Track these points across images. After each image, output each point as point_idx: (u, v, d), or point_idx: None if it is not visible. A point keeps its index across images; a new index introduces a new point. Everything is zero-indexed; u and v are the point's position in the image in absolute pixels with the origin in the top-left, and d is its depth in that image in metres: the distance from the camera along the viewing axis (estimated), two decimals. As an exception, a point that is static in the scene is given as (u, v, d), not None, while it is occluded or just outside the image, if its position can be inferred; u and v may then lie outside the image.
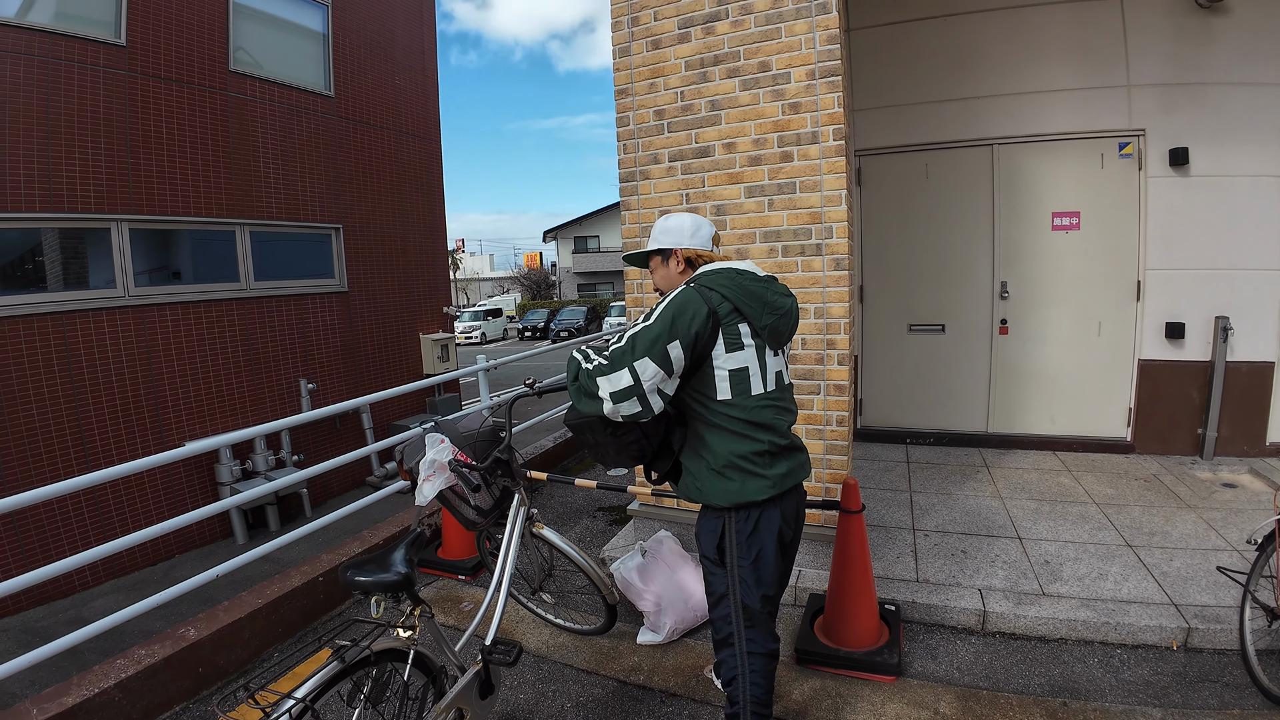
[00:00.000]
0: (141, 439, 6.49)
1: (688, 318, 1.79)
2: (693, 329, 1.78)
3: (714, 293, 1.84)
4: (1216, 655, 2.68)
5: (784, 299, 1.94)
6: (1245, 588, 2.58)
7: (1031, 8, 4.94)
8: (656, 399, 1.80)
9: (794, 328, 1.98)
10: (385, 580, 1.78)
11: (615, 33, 3.35)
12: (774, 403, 1.89)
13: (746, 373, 1.85)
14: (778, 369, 1.93)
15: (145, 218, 6.61)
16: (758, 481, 1.84)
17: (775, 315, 1.89)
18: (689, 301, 1.82)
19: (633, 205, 3.39)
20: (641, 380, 1.76)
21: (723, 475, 1.86)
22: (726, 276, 1.89)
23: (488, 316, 34.20)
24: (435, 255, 10.28)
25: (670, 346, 1.77)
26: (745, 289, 1.87)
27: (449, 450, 2.33)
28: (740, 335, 1.85)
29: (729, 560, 1.90)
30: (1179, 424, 4.91)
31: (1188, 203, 4.76)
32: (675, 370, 1.80)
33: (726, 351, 1.84)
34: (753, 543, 1.88)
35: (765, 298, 1.88)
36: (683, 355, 1.79)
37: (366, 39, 9.02)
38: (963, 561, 3.37)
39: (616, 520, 4.31)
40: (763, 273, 1.97)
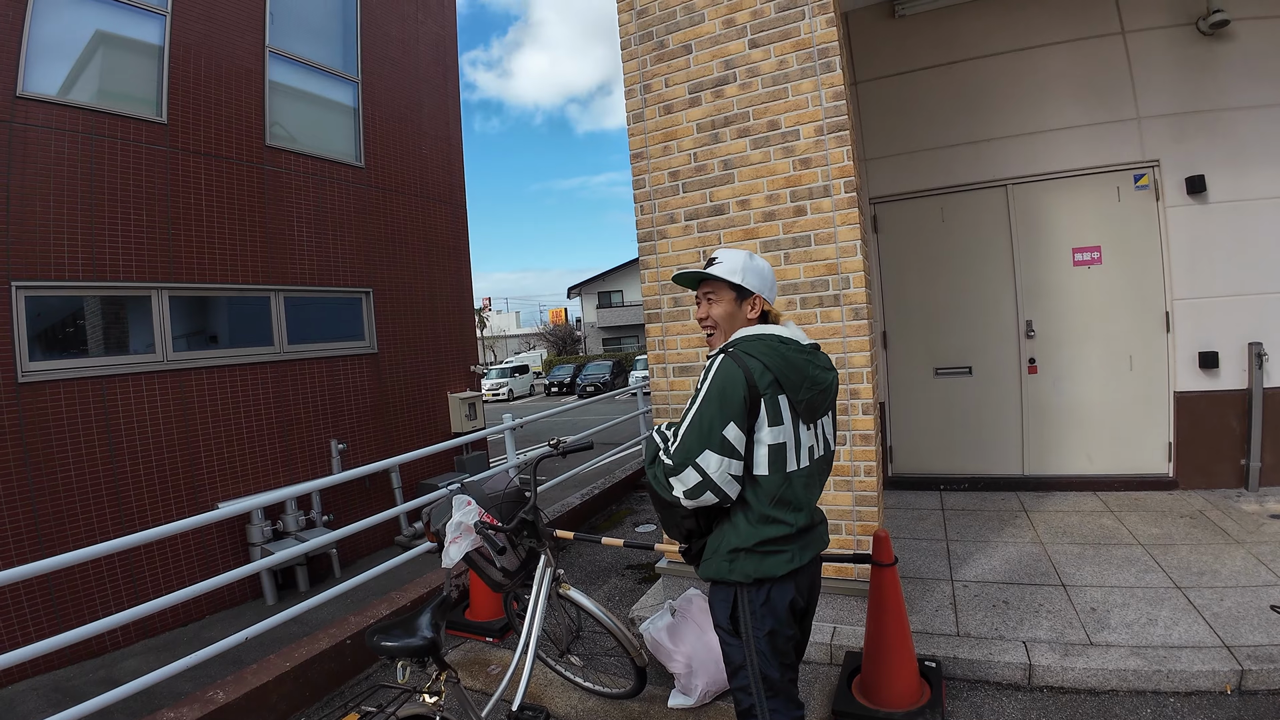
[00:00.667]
0: (176, 499, 6.63)
1: (734, 394, 1.71)
2: (740, 404, 1.70)
3: (755, 361, 1.74)
4: (1271, 696, 2.56)
5: (825, 373, 1.84)
6: None
7: (1034, 49, 5.04)
8: (732, 485, 1.72)
9: (831, 403, 1.87)
10: (411, 645, 1.79)
11: (629, 100, 3.49)
12: (806, 479, 1.81)
13: (784, 449, 1.75)
14: (810, 443, 1.83)
15: (184, 285, 6.90)
16: (776, 559, 1.78)
17: (813, 391, 1.79)
18: (730, 376, 1.73)
19: (651, 264, 3.46)
20: (710, 474, 1.69)
21: (745, 554, 1.79)
22: (768, 345, 1.78)
23: (514, 373, 34.54)
24: (462, 315, 10.51)
25: (726, 431, 1.69)
26: (788, 360, 1.77)
27: (475, 512, 2.36)
28: (780, 409, 1.74)
29: (744, 631, 1.83)
30: (1221, 456, 4.76)
31: (1209, 230, 4.72)
32: (739, 451, 1.72)
33: (769, 425, 1.74)
34: (766, 614, 1.80)
35: (806, 371, 1.78)
36: (741, 434, 1.71)
37: (395, 111, 9.47)
38: (1005, 612, 3.26)
39: (645, 578, 4.26)
40: (807, 340, 1.87)
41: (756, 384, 1.71)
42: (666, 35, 3.39)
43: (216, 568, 6.77)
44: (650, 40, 3.43)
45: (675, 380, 3.43)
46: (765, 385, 1.72)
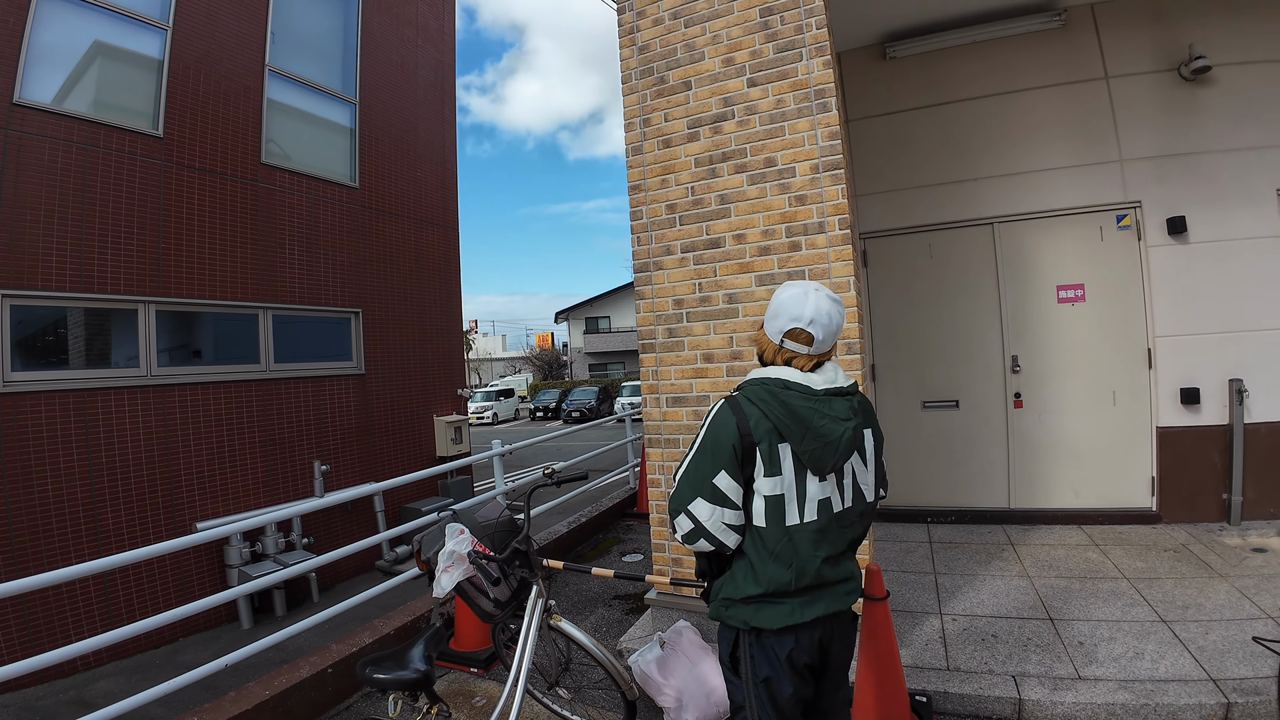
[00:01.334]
0: (154, 517, 6.50)
1: (724, 442, 1.65)
2: (730, 454, 1.64)
3: (753, 408, 1.66)
4: None
5: (835, 424, 1.64)
6: None
7: (1021, 92, 5.20)
8: (728, 534, 1.67)
9: (845, 456, 1.67)
10: (404, 678, 1.77)
11: (628, 133, 3.55)
12: (815, 534, 1.67)
13: (782, 501, 1.64)
14: (823, 495, 1.68)
15: (172, 300, 6.84)
16: (773, 610, 1.68)
17: (818, 443, 1.63)
18: (724, 423, 1.67)
19: (646, 295, 3.50)
20: (702, 522, 1.66)
21: (739, 604, 1.73)
22: (768, 390, 1.67)
23: (499, 397, 34.30)
24: (451, 339, 10.49)
25: (718, 480, 1.64)
26: (789, 408, 1.64)
27: (468, 541, 2.34)
28: (778, 458, 1.64)
29: (744, 673, 1.76)
30: (1204, 490, 4.83)
31: (1190, 269, 4.85)
32: (734, 500, 1.66)
33: (765, 475, 1.64)
34: (763, 660, 1.71)
35: (810, 421, 1.63)
36: (734, 483, 1.65)
37: (391, 133, 9.53)
38: (994, 646, 3.26)
39: (632, 609, 4.23)
40: (822, 385, 1.68)
41: (751, 432, 1.64)
42: (667, 71, 3.46)
43: (193, 589, 6.62)
44: (651, 75, 3.50)
45: (668, 410, 3.45)
46: (762, 433, 1.64)
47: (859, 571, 1.81)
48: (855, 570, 1.80)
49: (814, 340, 1.69)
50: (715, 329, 3.30)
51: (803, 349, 1.71)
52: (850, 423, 1.66)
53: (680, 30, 3.43)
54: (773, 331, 1.75)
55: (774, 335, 1.74)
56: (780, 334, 1.72)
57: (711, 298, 3.31)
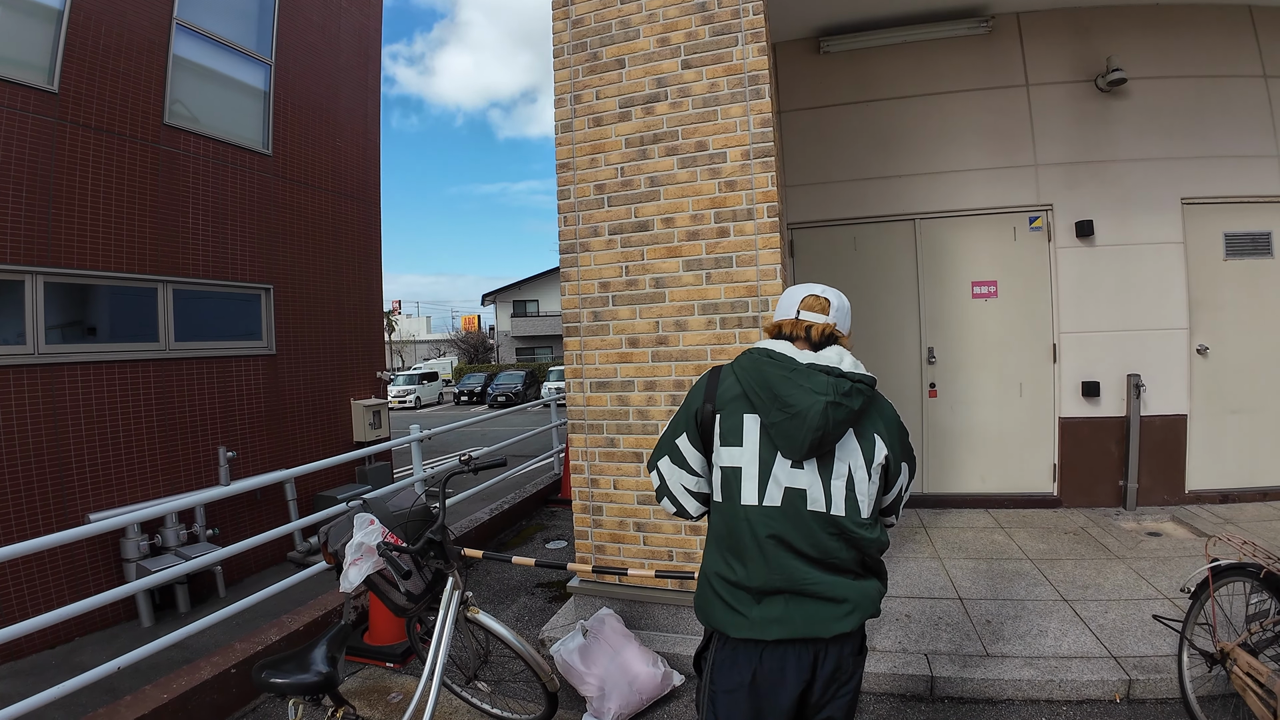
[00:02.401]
0: (43, 508, 5.95)
1: (690, 404, 1.61)
2: (692, 416, 1.59)
3: (732, 375, 1.60)
4: (1159, 704, 2.74)
5: (808, 396, 1.45)
6: (1182, 635, 2.68)
7: (946, 94, 5.36)
8: (688, 499, 1.62)
9: (819, 434, 1.45)
10: (304, 682, 1.64)
11: (558, 109, 3.44)
12: (771, 525, 1.47)
13: (738, 475, 1.51)
14: (794, 485, 1.48)
15: (63, 271, 6.24)
16: (730, 615, 1.51)
17: (784, 414, 1.46)
18: (699, 384, 1.64)
19: (572, 277, 3.41)
20: (666, 481, 1.62)
21: (703, 588, 1.59)
22: (751, 358, 1.58)
23: (423, 380, 33.31)
24: (370, 319, 10.04)
25: (679, 441, 1.59)
26: (761, 374, 1.52)
27: (378, 532, 2.21)
28: (740, 428, 1.53)
29: (705, 676, 1.60)
30: (1102, 477, 5.16)
31: (1095, 270, 5.14)
32: (694, 467, 1.59)
33: (722, 444, 1.54)
34: (722, 673, 1.54)
35: (778, 389, 1.48)
36: (693, 448, 1.58)
37: (309, 100, 8.98)
38: (907, 626, 3.38)
39: (556, 597, 4.16)
40: (808, 359, 1.52)
41: (716, 398, 1.57)
42: (600, 48, 3.36)
43: (88, 585, 6.11)
44: (584, 51, 3.40)
45: (592, 395, 3.38)
46: (728, 399, 1.55)
47: (860, 597, 1.49)
48: (853, 595, 1.49)
49: (830, 306, 1.63)
50: (641, 314, 3.25)
51: (819, 318, 1.61)
52: (826, 397, 1.44)
53: (616, 6, 3.34)
54: (787, 306, 1.66)
55: (789, 310, 1.64)
56: (796, 305, 1.64)
57: (638, 281, 3.26)
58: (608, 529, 3.34)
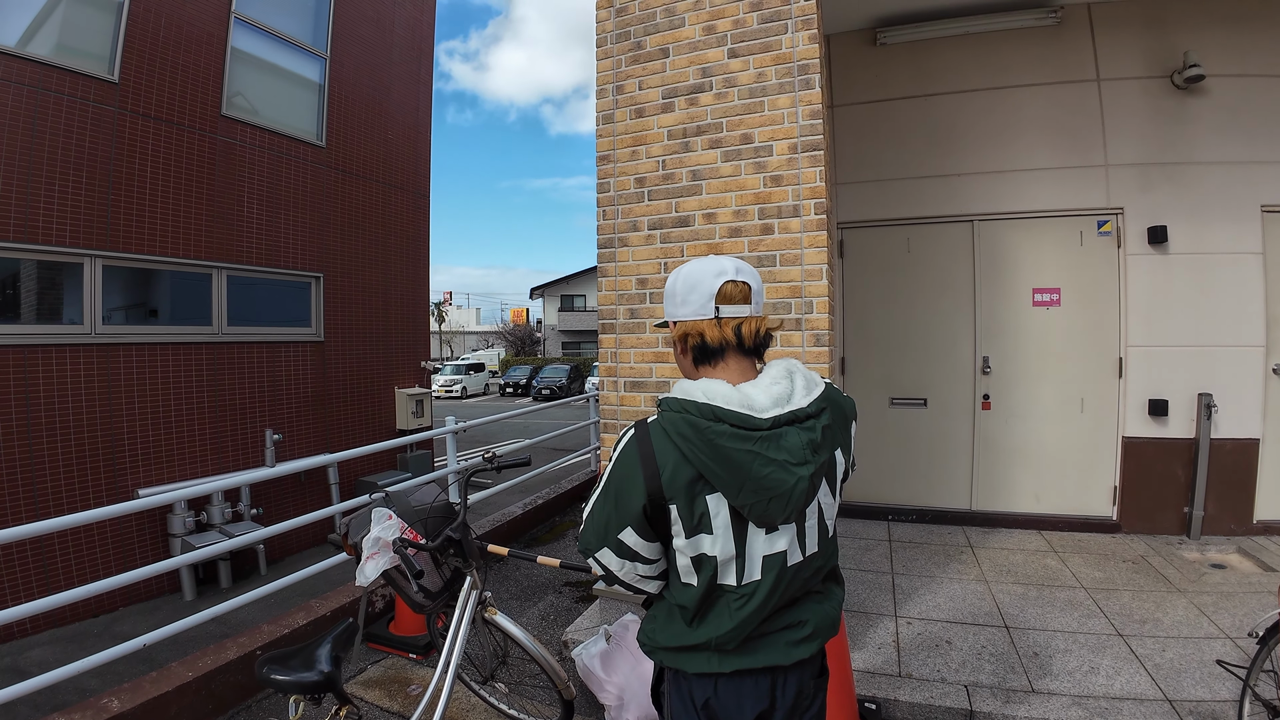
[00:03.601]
0: (95, 482, 6.20)
1: (629, 494, 1.28)
2: (638, 511, 1.28)
3: (670, 447, 1.26)
4: None
5: (786, 473, 1.22)
6: (1245, 682, 2.45)
7: (1010, 89, 5.07)
8: (647, 584, 1.38)
9: (797, 507, 1.26)
10: (305, 681, 1.59)
11: (600, 99, 3.35)
12: (752, 598, 1.30)
13: (713, 563, 1.28)
14: (773, 550, 1.30)
15: (121, 255, 6.48)
16: (687, 656, 1.36)
17: (761, 496, 1.23)
18: (628, 471, 1.29)
19: (609, 272, 3.31)
20: (613, 572, 1.36)
21: (660, 651, 1.41)
22: (693, 427, 1.24)
23: (470, 370, 33.92)
24: (416, 309, 10.18)
25: (623, 535, 1.30)
26: (718, 451, 1.22)
27: (396, 527, 2.16)
28: (707, 512, 1.27)
29: (664, 712, 1.46)
30: (1165, 502, 4.81)
31: (1167, 280, 4.79)
32: (648, 556, 1.33)
33: (686, 536, 1.28)
34: (679, 709, 1.41)
35: (749, 468, 1.21)
36: (642, 540, 1.30)
37: (362, 92, 9.14)
38: (947, 653, 3.19)
39: (582, 597, 4.09)
40: (770, 410, 1.25)
41: (664, 487, 1.25)
42: (644, 36, 3.26)
43: (134, 557, 6.36)
44: (627, 40, 3.29)
45: (626, 395, 3.28)
46: (680, 484, 1.25)
47: (820, 619, 1.38)
48: (808, 616, 1.37)
49: (750, 292, 1.34)
50: (680, 313, 3.13)
51: (744, 309, 1.32)
52: (808, 467, 1.24)
53: (661, -7, 3.22)
54: (699, 304, 1.32)
55: (703, 310, 1.31)
56: (710, 299, 1.31)
57: (678, 280, 3.14)
58: (635, 533, 3.24)
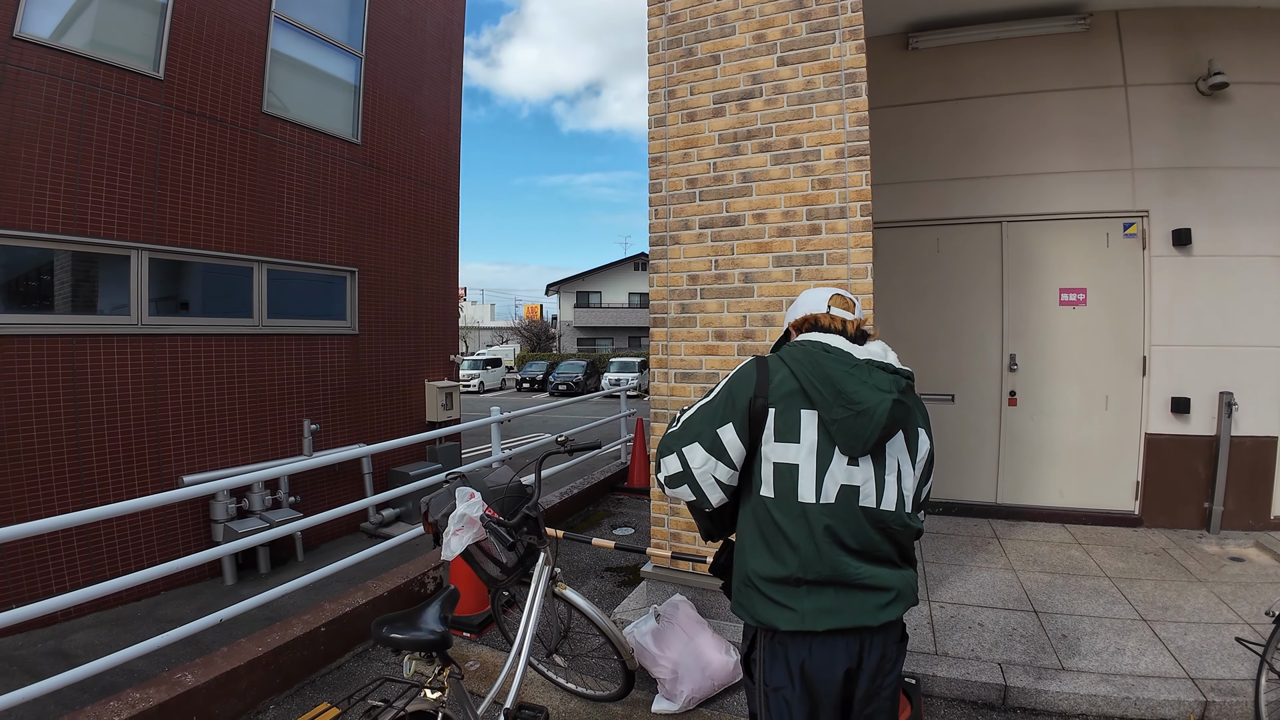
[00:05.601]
0: (140, 469, 6.42)
1: (740, 396, 1.54)
2: (744, 410, 1.53)
3: (785, 367, 1.55)
4: None
5: (873, 393, 1.46)
6: (1262, 658, 2.60)
7: (1039, 94, 5.19)
8: (714, 489, 1.55)
9: (883, 434, 1.47)
10: (420, 639, 1.76)
11: (652, 103, 3.51)
12: (826, 519, 1.47)
13: (794, 471, 1.49)
14: (852, 481, 1.48)
15: (166, 248, 6.70)
16: (779, 611, 1.51)
17: (849, 411, 1.45)
18: (745, 377, 1.57)
19: (661, 269, 3.48)
20: (691, 468, 1.55)
21: (747, 589, 1.57)
22: (806, 350, 1.54)
23: (487, 366, 34.21)
24: (446, 304, 10.39)
25: (722, 430, 1.52)
26: (821, 369, 1.49)
27: (480, 505, 2.33)
28: (799, 424, 1.49)
29: (756, 676, 1.60)
30: (1186, 498, 4.94)
31: (1191, 281, 4.91)
32: (732, 456, 1.53)
33: (776, 440, 1.50)
34: (776, 667, 1.55)
35: (843, 386, 1.47)
36: (738, 439, 1.52)
37: (396, 91, 9.33)
38: (980, 634, 3.34)
39: (624, 581, 4.26)
40: (863, 355, 1.53)
41: (769, 394, 1.52)
42: (696, 44, 3.42)
43: (177, 542, 6.58)
44: (679, 47, 3.45)
45: (676, 386, 3.45)
46: (783, 394, 1.51)
47: (902, 585, 1.53)
48: (894, 583, 1.52)
49: (855, 306, 1.69)
50: (729, 307, 3.30)
51: (848, 314, 1.66)
52: (891, 395, 1.47)
53: (712, 2, 3.38)
54: (816, 302, 1.69)
55: (820, 305, 1.68)
56: (825, 301, 1.68)
57: (727, 275, 3.31)
58: (684, 517, 3.41)
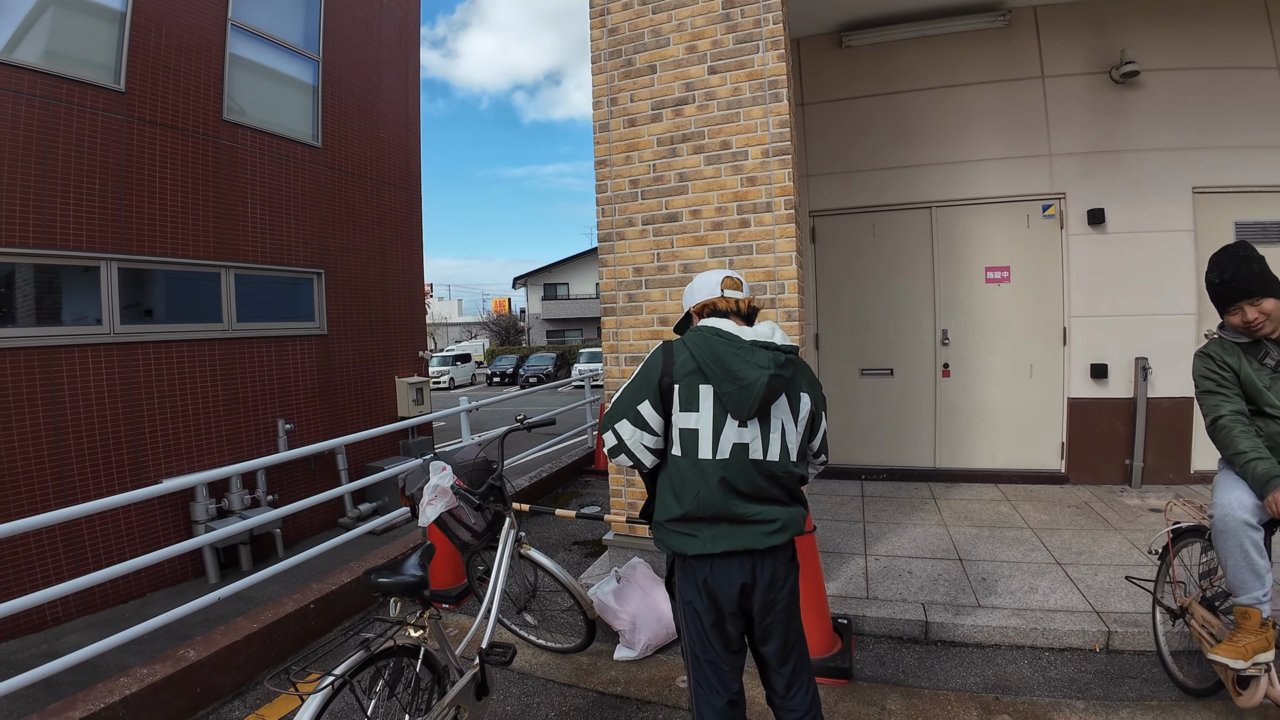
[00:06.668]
0: (120, 475, 6.57)
1: (651, 377, 1.88)
2: (655, 387, 1.86)
3: (686, 350, 1.88)
4: (1135, 655, 3.01)
5: (754, 370, 1.78)
6: (1153, 594, 2.94)
7: (965, 87, 5.58)
8: (645, 455, 1.89)
9: (764, 401, 1.80)
10: (404, 582, 2.04)
11: (596, 110, 3.80)
12: (721, 472, 1.82)
13: (695, 435, 1.84)
14: (741, 440, 1.83)
15: (135, 257, 6.82)
16: (685, 539, 1.88)
17: (735, 385, 1.79)
18: (654, 361, 1.92)
19: (609, 263, 3.79)
20: (624, 439, 1.89)
21: (660, 528, 1.94)
22: (702, 336, 1.87)
23: (456, 361, 34.19)
24: (412, 300, 10.58)
25: (642, 407, 1.87)
26: (713, 351, 1.82)
27: (451, 476, 2.63)
28: (698, 396, 1.84)
29: (676, 595, 1.99)
30: (1108, 456, 5.40)
31: (1106, 257, 5.34)
32: (653, 426, 1.87)
33: (681, 410, 1.85)
34: (686, 586, 1.92)
35: (729, 364, 1.79)
36: (654, 412, 1.86)
37: (354, 93, 9.47)
38: (908, 581, 3.73)
39: (590, 553, 4.59)
40: (751, 337, 1.85)
41: (673, 373, 1.85)
42: (634, 54, 3.71)
43: (159, 545, 6.68)
44: (619, 58, 3.75)
45: (626, 369, 3.77)
46: (685, 374, 1.84)
47: (787, 518, 1.88)
48: (780, 515, 1.87)
49: (743, 284, 2.03)
50: (671, 295, 3.62)
51: (739, 293, 2.00)
52: (769, 370, 1.79)
53: (649, 16, 3.68)
54: (710, 288, 2.01)
55: (714, 290, 1.99)
56: (718, 285, 2.00)
57: (668, 267, 3.63)
58: (639, 488, 3.74)
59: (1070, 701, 2.69)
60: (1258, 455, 2.24)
